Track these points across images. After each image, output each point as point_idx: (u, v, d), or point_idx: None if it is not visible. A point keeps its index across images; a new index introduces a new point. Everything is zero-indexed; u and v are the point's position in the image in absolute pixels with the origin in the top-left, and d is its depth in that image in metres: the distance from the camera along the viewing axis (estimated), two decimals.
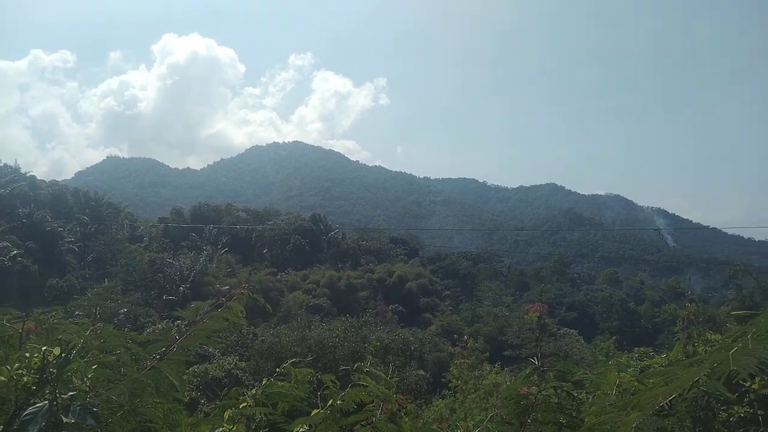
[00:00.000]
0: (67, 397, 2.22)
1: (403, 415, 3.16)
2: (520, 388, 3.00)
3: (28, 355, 2.35)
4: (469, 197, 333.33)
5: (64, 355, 2.31)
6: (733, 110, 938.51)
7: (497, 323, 64.31)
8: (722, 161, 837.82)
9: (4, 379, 2.28)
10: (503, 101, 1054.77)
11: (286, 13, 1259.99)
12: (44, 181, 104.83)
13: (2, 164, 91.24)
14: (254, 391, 3.02)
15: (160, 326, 41.33)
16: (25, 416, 2.06)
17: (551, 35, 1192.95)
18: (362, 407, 3.01)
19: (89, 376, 2.47)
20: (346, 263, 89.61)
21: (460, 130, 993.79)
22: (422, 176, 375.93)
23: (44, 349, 2.30)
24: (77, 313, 44.41)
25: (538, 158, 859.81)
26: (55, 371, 2.25)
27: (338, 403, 2.82)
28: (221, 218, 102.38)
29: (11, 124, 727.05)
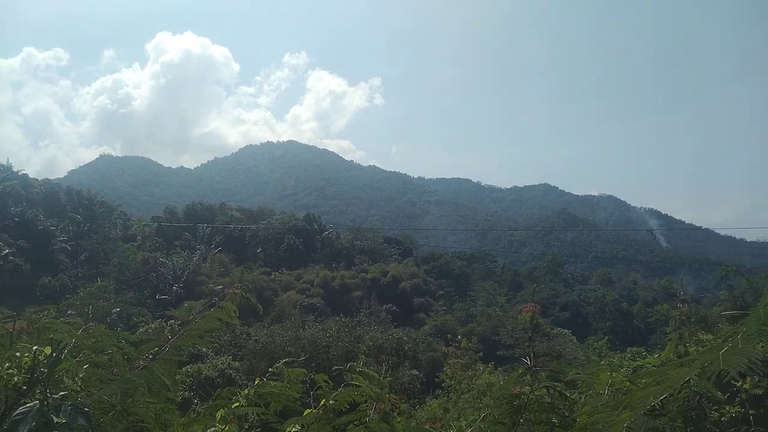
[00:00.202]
0: (58, 397, 2.21)
1: (396, 415, 3.15)
2: (512, 387, 3.00)
3: (18, 354, 2.34)
4: (463, 197, 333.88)
5: (55, 354, 2.30)
6: (726, 112, 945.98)
7: (491, 323, 64.50)
8: (715, 162, 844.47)
9: None
10: (498, 101, 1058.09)
11: (280, 12, 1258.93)
12: (37, 179, 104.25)
13: None
14: (247, 391, 3.01)
15: (153, 326, 41.20)
16: (15, 416, 2.05)
17: (545, 36, 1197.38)
18: (355, 407, 3.01)
19: (81, 375, 2.46)
20: (340, 263, 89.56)
21: (454, 130, 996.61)
22: (416, 176, 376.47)
23: (35, 348, 2.29)
24: (70, 312, 44.13)
25: (532, 158, 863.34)
26: (45, 371, 2.23)
27: (331, 403, 2.82)
28: (215, 217, 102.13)
29: (4, 122, 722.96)
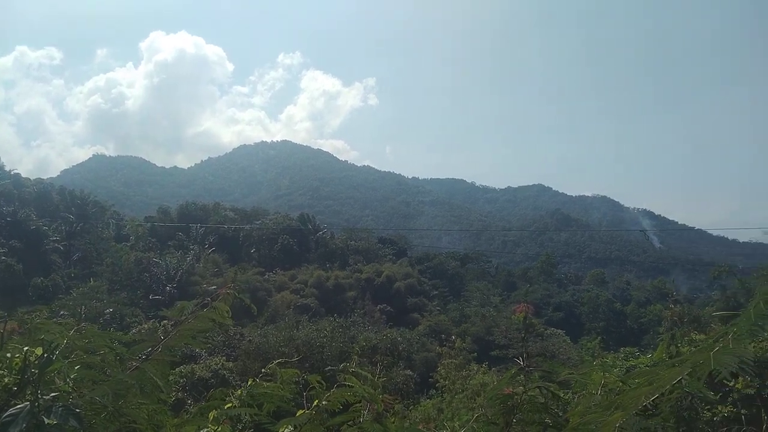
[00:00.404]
0: (49, 398, 2.20)
1: (389, 415, 3.15)
2: (505, 388, 3.01)
3: (9, 355, 2.32)
4: (457, 198, 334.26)
5: (46, 355, 2.29)
6: (719, 113, 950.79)
7: (485, 323, 64.58)
8: (708, 163, 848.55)
9: None
10: (492, 102, 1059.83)
11: (275, 11, 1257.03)
12: (29, 179, 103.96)
13: None
14: (239, 391, 3.00)
15: (146, 326, 41.04)
16: (5, 417, 2.04)
17: (539, 36, 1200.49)
18: (349, 407, 3.01)
19: (72, 376, 2.44)
20: (334, 263, 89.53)
21: (448, 130, 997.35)
22: (411, 176, 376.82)
23: (26, 349, 2.27)
24: (62, 312, 43.98)
25: (526, 159, 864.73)
26: (36, 372, 2.22)
27: (323, 403, 2.82)
28: (208, 217, 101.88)
29: None
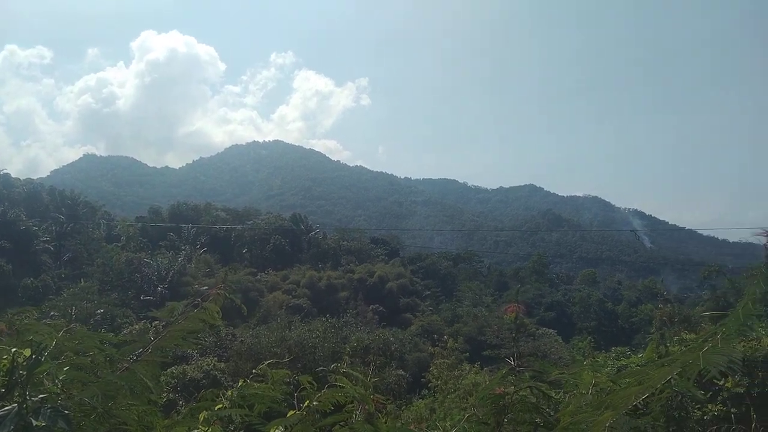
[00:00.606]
0: (37, 399, 2.18)
1: (381, 415, 3.15)
2: (496, 388, 3.01)
3: None
4: (449, 198, 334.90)
5: (34, 356, 2.27)
6: (710, 113, 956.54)
7: (477, 323, 64.74)
8: (698, 164, 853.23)
9: None
10: (484, 103, 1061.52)
11: (267, 11, 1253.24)
12: (19, 179, 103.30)
13: None
14: (230, 392, 2.99)
15: (137, 327, 40.86)
16: None
17: (531, 37, 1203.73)
18: (341, 408, 3.00)
19: (61, 378, 2.43)
20: (326, 263, 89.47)
21: (441, 131, 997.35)
22: (403, 176, 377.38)
23: (14, 350, 2.26)
24: (52, 313, 43.74)
25: (517, 160, 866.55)
26: (24, 373, 2.20)
27: (314, 404, 2.81)
28: (200, 218, 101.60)
29: None
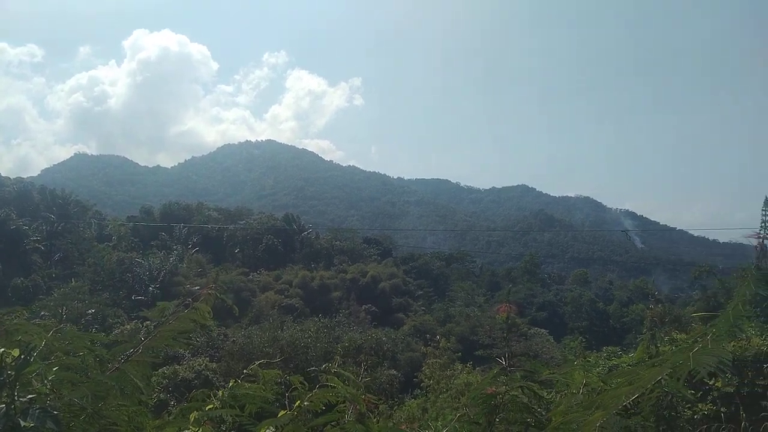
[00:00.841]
0: (26, 400, 2.16)
1: (372, 415, 3.15)
2: (488, 387, 3.02)
3: None
4: (442, 198, 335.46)
5: (23, 356, 2.26)
6: (702, 114, 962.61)
7: (469, 323, 64.86)
8: (690, 165, 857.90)
9: None
10: (477, 103, 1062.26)
11: (260, 10, 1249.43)
12: (9, 178, 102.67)
13: None
14: (221, 392, 2.98)
15: (128, 327, 40.72)
16: None
17: (525, 38, 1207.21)
18: (332, 408, 3.00)
19: (50, 378, 2.41)
20: (319, 263, 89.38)
21: (434, 131, 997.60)
22: (396, 176, 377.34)
23: (2, 350, 2.24)
24: (43, 313, 43.46)
25: (510, 160, 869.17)
26: (13, 373, 2.19)
27: (305, 404, 2.81)
28: (192, 217, 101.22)
29: None
